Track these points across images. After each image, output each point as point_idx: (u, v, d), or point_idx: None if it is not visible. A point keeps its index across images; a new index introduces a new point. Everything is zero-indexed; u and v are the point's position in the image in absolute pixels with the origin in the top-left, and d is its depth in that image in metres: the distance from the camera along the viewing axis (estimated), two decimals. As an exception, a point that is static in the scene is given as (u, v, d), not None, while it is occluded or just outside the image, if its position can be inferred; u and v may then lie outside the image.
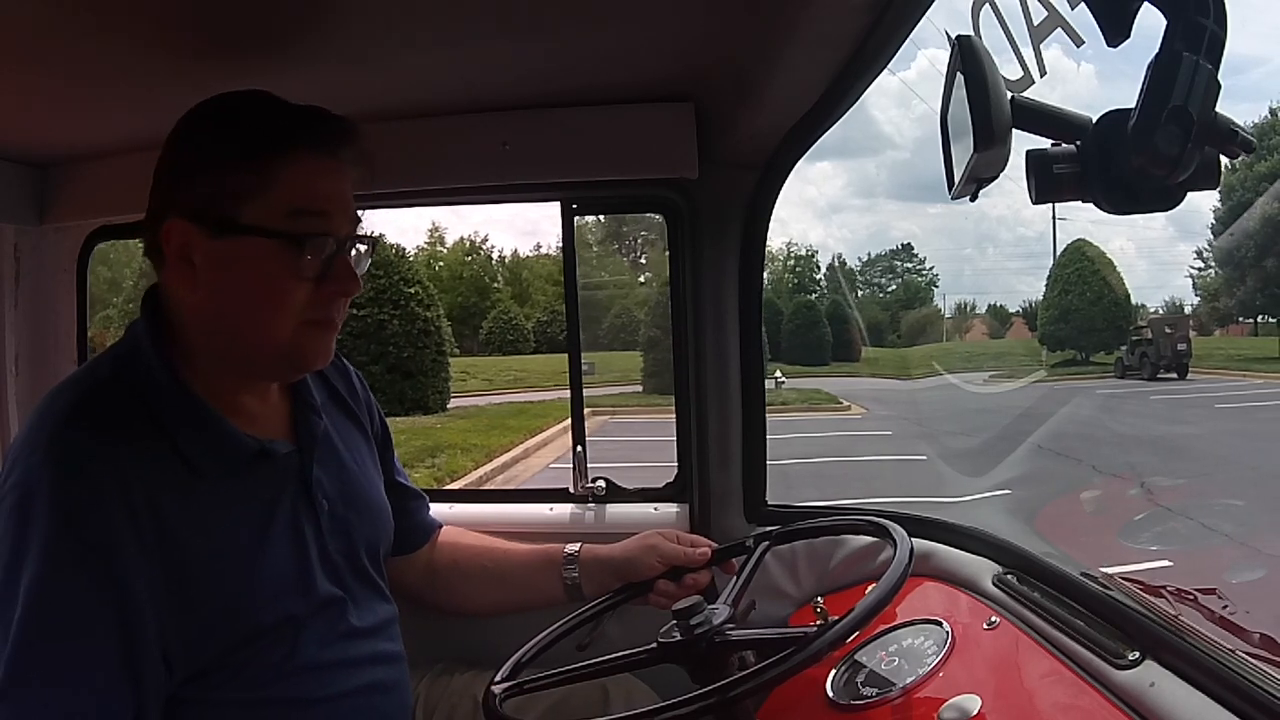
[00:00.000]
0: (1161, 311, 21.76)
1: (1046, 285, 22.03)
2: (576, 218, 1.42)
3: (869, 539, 1.20)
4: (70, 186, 1.44)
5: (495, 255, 30.31)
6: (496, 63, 1.14)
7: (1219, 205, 19.51)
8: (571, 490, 1.44)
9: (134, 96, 1.16)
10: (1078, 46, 0.60)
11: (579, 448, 1.45)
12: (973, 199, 0.69)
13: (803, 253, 29.87)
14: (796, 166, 1.34)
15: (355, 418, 1.09)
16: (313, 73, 1.08)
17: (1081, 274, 20.78)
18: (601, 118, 1.30)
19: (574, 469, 1.44)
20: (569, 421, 1.48)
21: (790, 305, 22.31)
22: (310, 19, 0.97)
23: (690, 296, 1.40)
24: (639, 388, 15.01)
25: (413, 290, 12.61)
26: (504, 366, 19.53)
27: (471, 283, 27.66)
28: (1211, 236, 21.54)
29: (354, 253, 0.91)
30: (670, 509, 1.43)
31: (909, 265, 32.07)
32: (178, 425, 0.86)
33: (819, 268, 30.50)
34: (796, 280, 28.00)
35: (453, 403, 13.47)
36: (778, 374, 14.75)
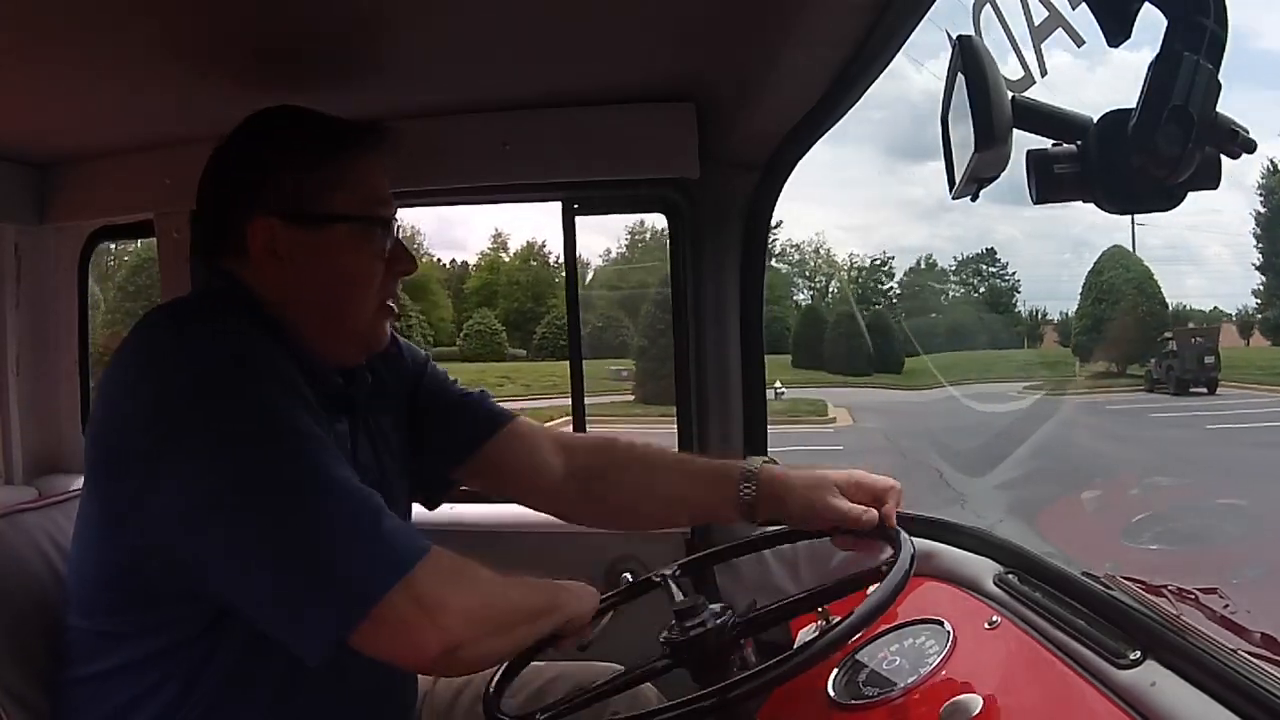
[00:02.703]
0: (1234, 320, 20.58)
1: (1080, 294, 20.55)
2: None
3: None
4: (70, 186, 1.44)
5: (553, 260, 28.25)
6: (496, 63, 1.14)
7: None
8: None
9: (135, 97, 1.17)
10: (1079, 46, 0.60)
11: None
12: (974, 199, 0.69)
13: (866, 264, 27.77)
14: (890, 168, 1.33)
15: (388, 402, 1.06)
16: (314, 74, 1.08)
17: (1114, 282, 19.52)
18: (602, 118, 1.30)
19: None
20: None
21: (832, 315, 21.56)
22: (311, 22, 0.98)
23: (691, 296, 1.40)
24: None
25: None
26: (547, 372, 19.35)
27: (528, 288, 26.90)
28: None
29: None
30: None
31: (992, 270, 28.74)
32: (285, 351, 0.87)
33: (892, 275, 27.83)
34: (860, 292, 26.75)
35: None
36: (777, 384, 14.50)
